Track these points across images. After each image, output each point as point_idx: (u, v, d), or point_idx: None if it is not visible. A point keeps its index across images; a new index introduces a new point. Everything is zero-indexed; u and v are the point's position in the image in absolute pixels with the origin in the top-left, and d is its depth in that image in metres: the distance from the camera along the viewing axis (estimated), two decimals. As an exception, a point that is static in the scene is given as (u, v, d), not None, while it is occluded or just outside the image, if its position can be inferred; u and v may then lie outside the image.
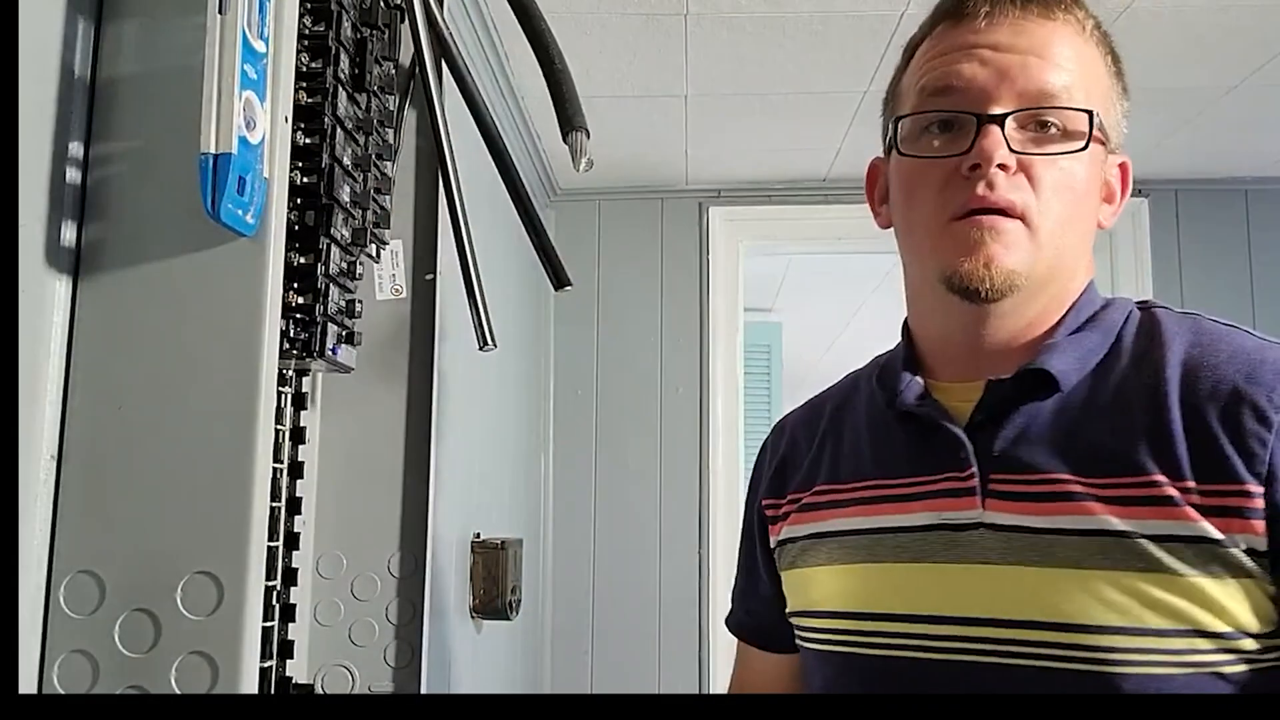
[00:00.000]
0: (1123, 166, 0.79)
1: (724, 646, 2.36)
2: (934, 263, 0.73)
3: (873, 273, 3.39)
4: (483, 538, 1.63)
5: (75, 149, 0.68)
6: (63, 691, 0.64)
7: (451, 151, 0.98)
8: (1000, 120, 0.70)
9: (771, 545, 0.88)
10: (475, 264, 0.99)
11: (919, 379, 0.78)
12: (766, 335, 3.55)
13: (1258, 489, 0.62)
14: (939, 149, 0.73)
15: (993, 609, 0.68)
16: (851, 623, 0.75)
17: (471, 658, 1.62)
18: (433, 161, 1.01)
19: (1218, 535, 0.62)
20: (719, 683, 2.34)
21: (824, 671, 0.79)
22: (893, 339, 0.87)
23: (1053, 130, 0.71)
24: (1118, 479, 0.66)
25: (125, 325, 0.67)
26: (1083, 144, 0.71)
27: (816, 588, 0.80)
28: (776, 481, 0.89)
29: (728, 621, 0.98)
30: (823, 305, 3.87)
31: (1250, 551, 0.62)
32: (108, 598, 0.65)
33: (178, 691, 0.63)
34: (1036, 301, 0.73)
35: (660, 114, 2.06)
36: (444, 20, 1.00)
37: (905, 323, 0.84)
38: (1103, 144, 0.74)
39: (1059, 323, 0.74)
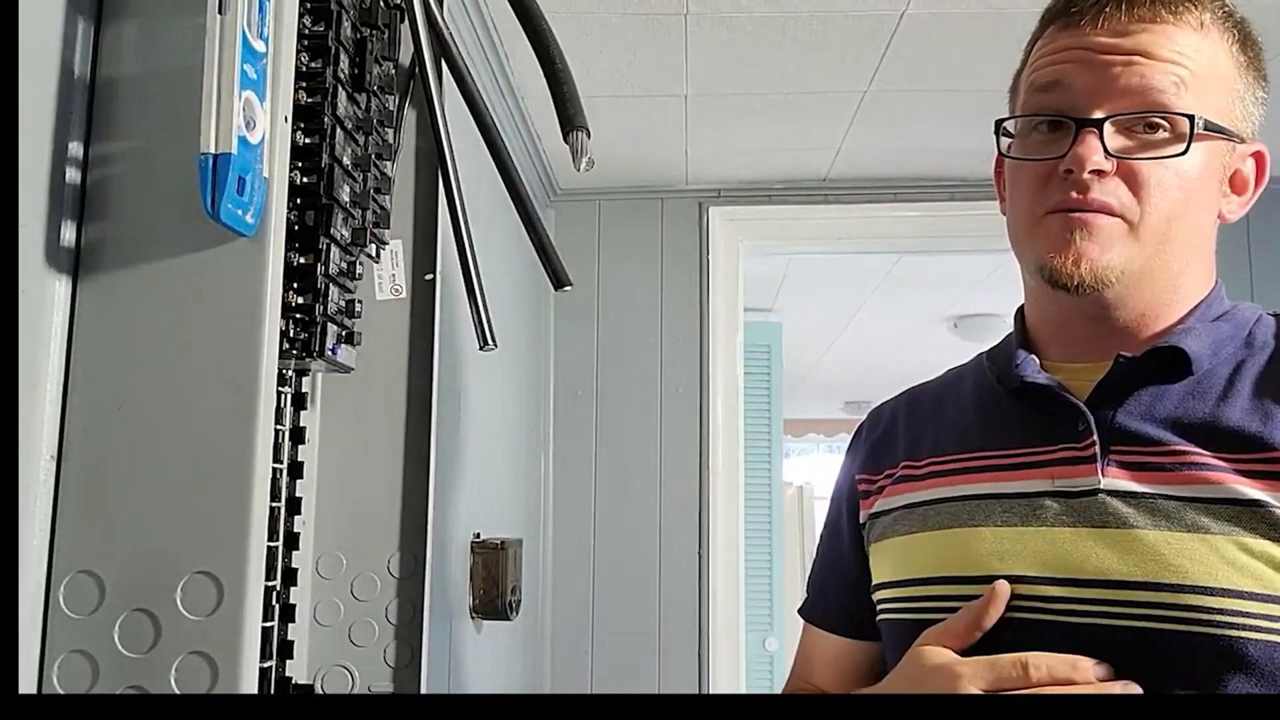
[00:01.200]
0: (1257, 155, 0.78)
1: (724, 647, 2.36)
2: (1030, 255, 0.75)
3: (873, 273, 3.39)
4: (483, 538, 1.63)
5: (75, 149, 0.68)
6: (62, 691, 0.64)
7: (451, 151, 0.98)
8: (1099, 124, 0.71)
9: (861, 520, 0.87)
10: (475, 264, 0.99)
11: (1034, 357, 0.79)
12: (766, 335, 3.55)
13: None
14: (1039, 150, 0.74)
15: (1109, 570, 0.67)
16: (950, 587, 0.74)
17: (471, 658, 1.62)
18: (433, 161, 1.00)
19: None
20: (719, 683, 2.34)
21: (913, 638, 0.76)
22: (893, 339, 0.89)
23: (1161, 131, 0.71)
24: (1251, 454, 0.67)
25: (125, 325, 0.67)
26: (1183, 148, 0.71)
27: (911, 555, 0.79)
28: (872, 458, 0.89)
29: (801, 610, 0.96)
30: (823, 305, 3.87)
31: None
32: (108, 598, 0.65)
33: (178, 691, 0.63)
34: (1145, 294, 0.74)
35: (660, 114, 2.06)
36: (444, 20, 1.00)
37: (1019, 309, 0.86)
38: (1225, 138, 0.74)
39: (1192, 312, 0.75)
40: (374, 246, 0.97)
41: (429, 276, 1.02)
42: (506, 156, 1.05)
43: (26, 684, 0.63)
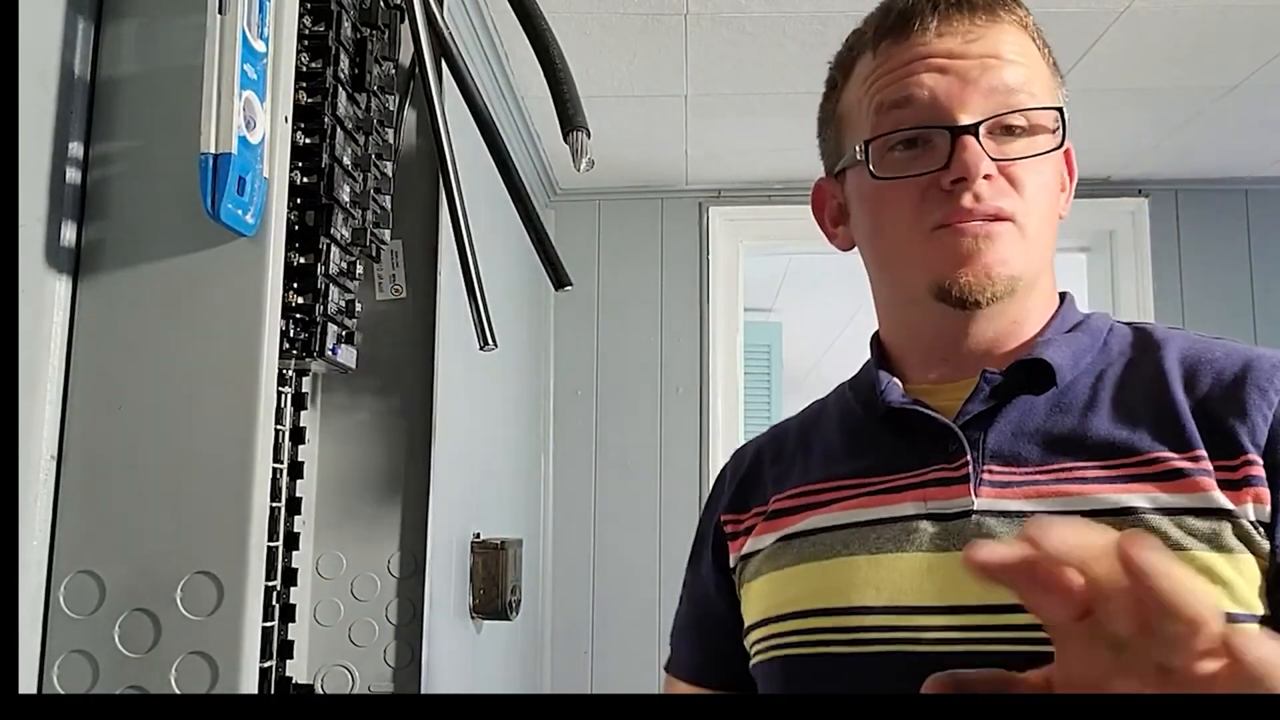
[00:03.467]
0: (1067, 153, 0.76)
1: (724, 646, 2.36)
2: (923, 275, 0.71)
3: (873, 273, 3.38)
4: (483, 538, 1.63)
5: (75, 149, 0.68)
6: (63, 691, 0.64)
7: (451, 151, 0.98)
8: (974, 130, 0.68)
9: (731, 564, 0.82)
10: (475, 264, 0.99)
11: (897, 381, 0.76)
12: (766, 335, 3.55)
13: (1257, 457, 0.62)
14: (911, 165, 0.70)
15: (983, 596, 0.62)
16: (824, 620, 0.70)
17: (471, 658, 1.62)
18: (433, 161, 1.01)
19: (1229, 505, 0.61)
20: (719, 683, 2.34)
21: (797, 678, 0.72)
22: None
23: (1019, 131, 0.69)
24: (1122, 459, 0.65)
25: (125, 325, 0.67)
26: (1058, 143, 0.70)
27: (786, 588, 0.74)
28: (738, 499, 0.84)
29: (669, 666, 0.90)
30: (823, 305, 3.87)
31: (1257, 523, 0.61)
32: (108, 598, 0.65)
33: (178, 691, 0.63)
34: (1025, 300, 0.72)
35: (660, 114, 2.06)
36: (444, 20, 1.00)
37: (875, 336, 0.83)
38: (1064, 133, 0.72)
39: (1048, 324, 0.74)
40: (374, 246, 0.97)
41: (429, 277, 1.02)
42: (506, 156, 1.05)
43: (26, 684, 0.63)
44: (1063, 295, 0.78)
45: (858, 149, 0.73)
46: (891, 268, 0.76)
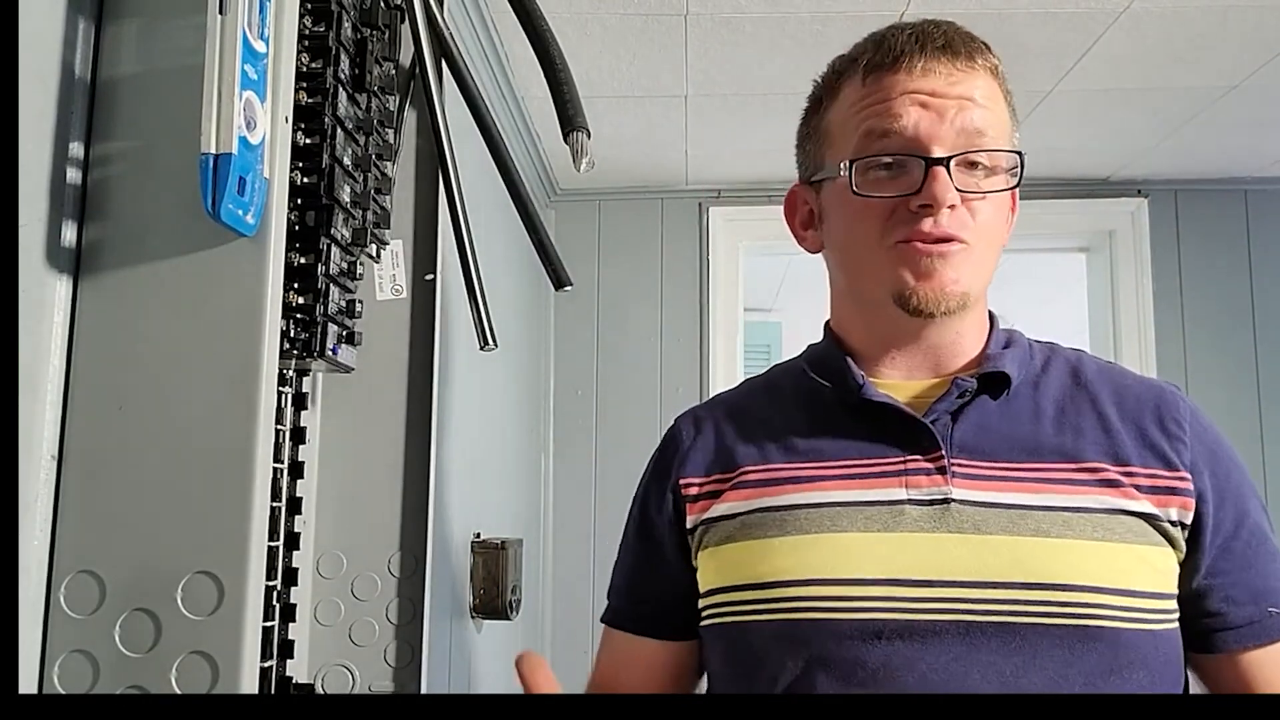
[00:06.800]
0: (1012, 191, 0.87)
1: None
2: (885, 283, 0.80)
3: (873, 273, 3.38)
4: (483, 538, 1.63)
5: (75, 149, 0.68)
6: (63, 691, 0.64)
7: (452, 151, 0.98)
8: (945, 163, 0.77)
9: (688, 526, 0.87)
10: (475, 264, 0.99)
11: (868, 375, 0.85)
12: (766, 335, 3.55)
13: (1186, 475, 0.77)
14: (887, 186, 0.79)
15: (971, 572, 0.74)
16: (822, 589, 0.77)
17: (471, 658, 1.62)
18: (433, 161, 1.01)
19: (1154, 509, 0.75)
20: (719, 683, 2.34)
21: (779, 641, 0.78)
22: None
23: (980, 168, 0.79)
24: (1068, 464, 0.77)
25: (125, 325, 0.67)
26: (1015, 181, 0.81)
27: (773, 559, 0.79)
28: (698, 463, 0.89)
29: (609, 618, 0.97)
30: (823, 305, 3.86)
31: (1178, 523, 0.76)
32: (108, 598, 0.65)
33: (178, 691, 0.63)
34: (968, 316, 0.82)
35: (660, 114, 2.06)
36: (444, 20, 1.00)
37: (828, 325, 0.93)
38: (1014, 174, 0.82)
39: (989, 340, 0.85)
40: (374, 246, 0.97)
41: (429, 276, 1.02)
42: (506, 156, 1.05)
43: (27, 684, 0.63)
44: (990, 314, 0.89)
45: (842, 166, 0.81)
46: (858, 273, 0.85)
